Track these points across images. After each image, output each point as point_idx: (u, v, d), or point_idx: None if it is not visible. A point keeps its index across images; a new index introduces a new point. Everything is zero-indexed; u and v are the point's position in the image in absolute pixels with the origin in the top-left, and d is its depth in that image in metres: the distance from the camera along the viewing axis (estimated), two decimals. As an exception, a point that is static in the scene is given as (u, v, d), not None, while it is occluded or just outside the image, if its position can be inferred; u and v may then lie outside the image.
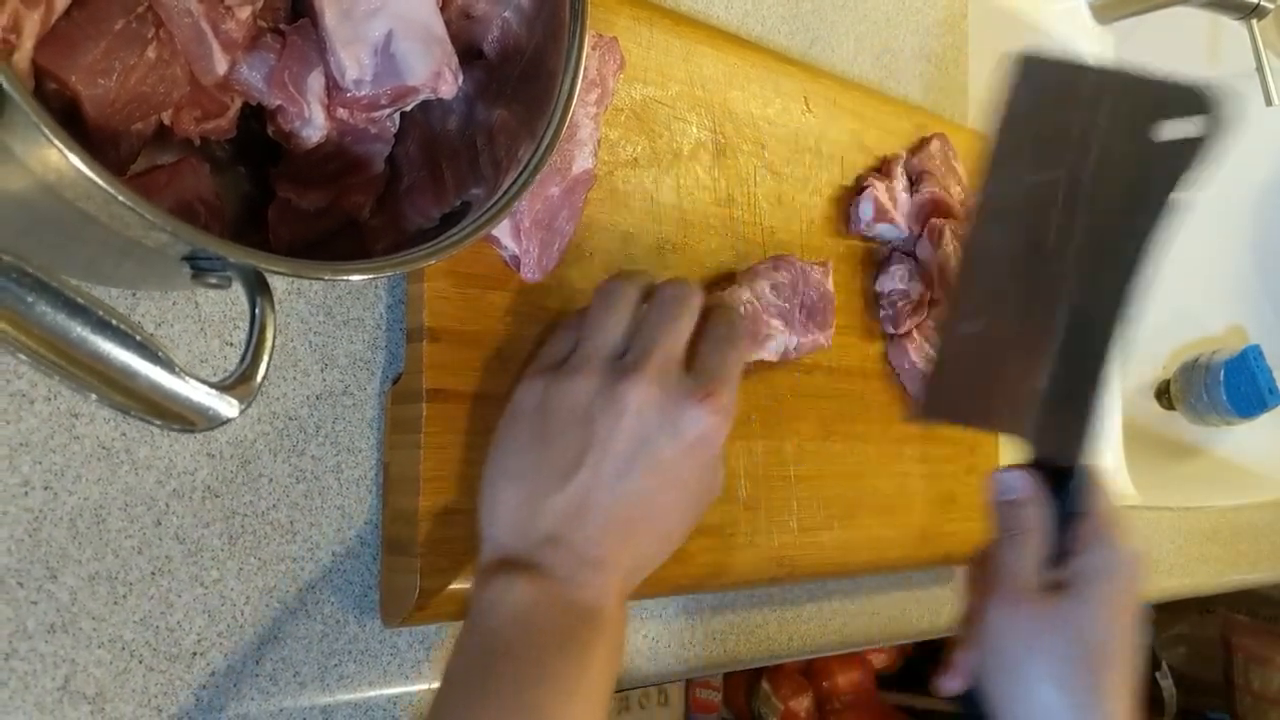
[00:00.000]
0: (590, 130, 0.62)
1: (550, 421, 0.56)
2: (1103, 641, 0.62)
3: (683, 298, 0.59)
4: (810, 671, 1.82)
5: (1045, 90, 0.65)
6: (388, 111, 0.52)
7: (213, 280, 0.42)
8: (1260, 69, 1.17)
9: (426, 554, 0.57)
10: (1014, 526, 0.65)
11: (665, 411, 0.55)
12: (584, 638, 0.52)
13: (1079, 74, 0.63)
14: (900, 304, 0.84)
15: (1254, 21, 1.16)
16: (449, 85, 0.51)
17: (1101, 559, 0.64)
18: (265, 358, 0.41)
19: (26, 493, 0.50)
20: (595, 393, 0.56)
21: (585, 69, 0.53)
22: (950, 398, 0.67)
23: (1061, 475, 0.65)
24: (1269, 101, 1.17)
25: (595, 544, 0.55)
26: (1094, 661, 0.61)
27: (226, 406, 0.39)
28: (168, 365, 0.37)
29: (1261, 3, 1.14)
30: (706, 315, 0.61)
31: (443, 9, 0.52)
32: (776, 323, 0.73)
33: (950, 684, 0.67)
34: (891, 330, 0.85)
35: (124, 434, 0.53)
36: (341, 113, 0.51)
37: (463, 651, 0.53)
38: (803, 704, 1.80)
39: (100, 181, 0.35)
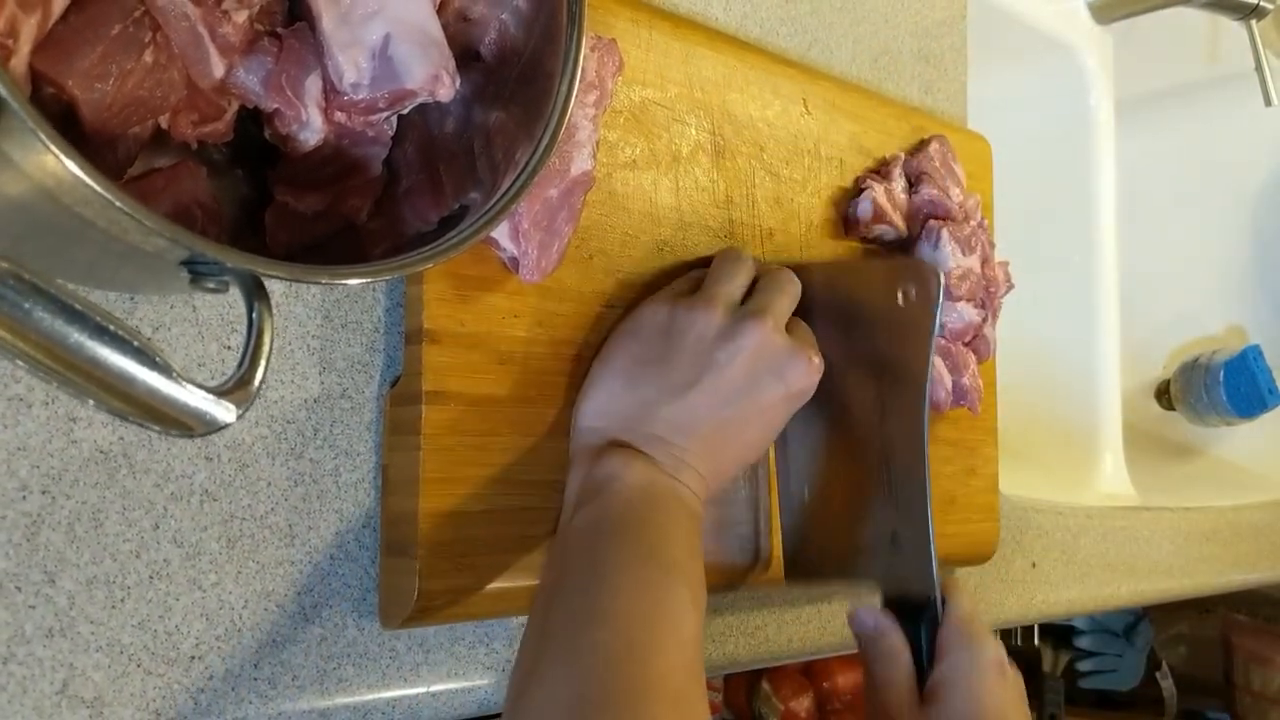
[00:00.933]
0: (589, 132, 0.62)
1: (673, 341, 0.63)
2: None
3: (792, 280, 0.69)
4: (811, 672, 1.82)
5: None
6: (385, 115, 0.52)
7: (211, 285, 0.42)
8: (1259, 69, 1.17)
9: (426, 556, 0.57)
10: (877, 657, 0.68)
11: (776, 359, 0.64)
12: (691, 516, 0.61)
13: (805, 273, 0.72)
14: (899, 305, 0.84)
15: (1253, 22, 1.16)
16: (446, 88, 0.51)
17: (958, 661, 0.67)
18: (263, 362, 0.41)
19: (24, 497, 0.50)
20: (719, 327, 0.63)
21: (583, 71, 0.53)
22: (808, 559, 0.75)
23: (920, 606, 0.70)
24: (1268, 102, 1.17)
25: (689, 454, 0.62)
26: None
27: (224, 412, 0.39)
28: (165, 371, 0.37)
29: (1261, 3, 1.14)
30: None
31: (439, 11, 0.52)
32: None
33: None
34: (890, 332, 0.85)
35: (121, 438, 0.53)
36: (339, 116, 0.51)
37: (596, 509, 0.58)
38: (803, 704, 1.80)
39: (97, 187, 0.35)
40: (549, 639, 0.52)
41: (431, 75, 0.50)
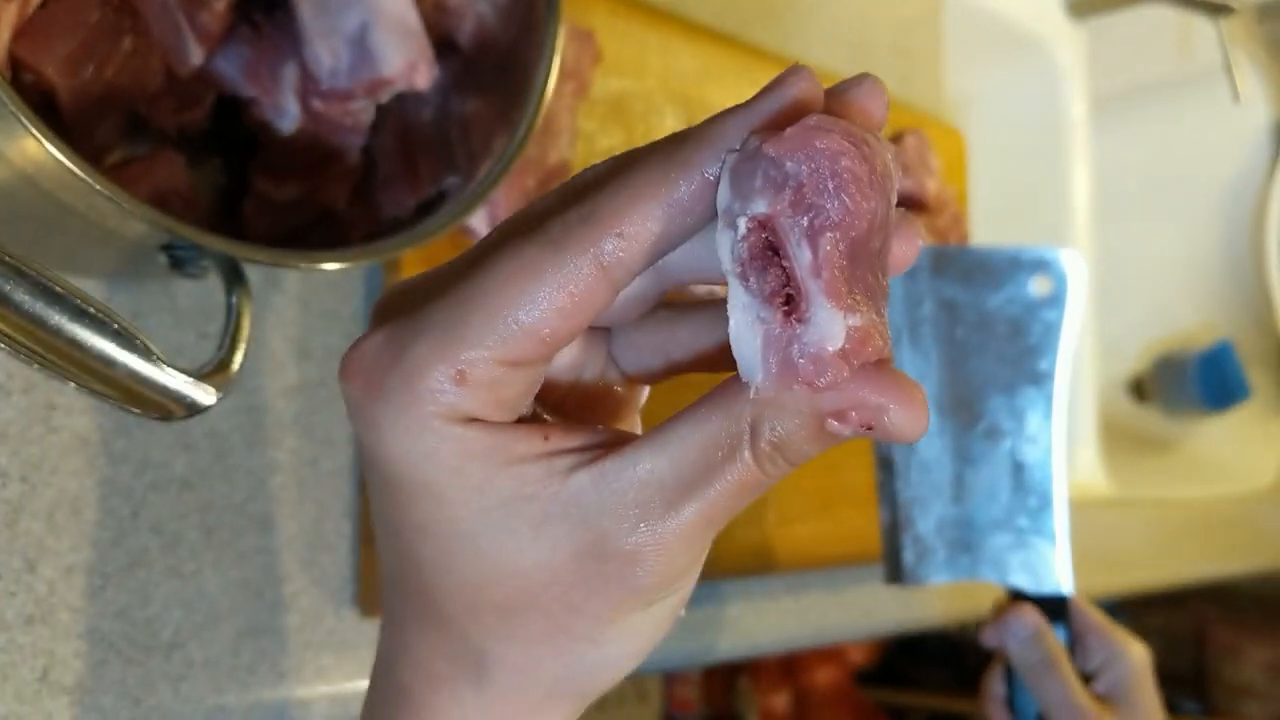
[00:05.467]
0: (566, 122, 0.62)
1: None
2: None
3: None
4: (789, 668, 1.83)
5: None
6: (363, 103, 0.52)
7: (190, 270, 0.42)
8: (1228, 67, 1.18)
9: (404, 545, 0.58)
10: (1042, 659, 0.65)
11: None
12: None
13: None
14: (875, 297, 0.85)
15: (1222, 20, 1.17)
16: (423, 77, 0.51)
17: (1128, 667, 0.66)
18: (242, 346, 0.41)
19: (4, 484, 0.50)
20: None
21: (561, 61, 0.54)
22: (928, 557, 0.70)
23: (1044, 604, 0.68)
24: (1236, 98, 1.18)
25: None
26: None
27: (204, 395, 0.39)
28: (145, 353, 0.37)
29: (1227, 2, 1.15)
30: None
31: (417, 1, 0.53)
32: None
33: None
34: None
35: (101, 426, 0.53)
36: (316, 104, 0.51)
37: None
38: (781, 700, 1.81)
39: (79, 171, 0.35)
40: None
41: (408, 64, 0.50)
